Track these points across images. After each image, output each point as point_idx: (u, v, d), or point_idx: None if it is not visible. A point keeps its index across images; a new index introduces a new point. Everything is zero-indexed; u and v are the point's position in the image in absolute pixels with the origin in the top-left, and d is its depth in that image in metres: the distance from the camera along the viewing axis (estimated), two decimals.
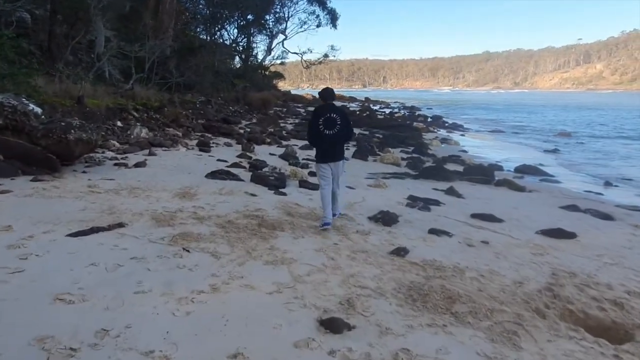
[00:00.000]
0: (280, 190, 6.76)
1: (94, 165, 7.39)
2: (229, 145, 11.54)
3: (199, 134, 12.73)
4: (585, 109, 48.49)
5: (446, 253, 4.53)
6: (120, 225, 4.42)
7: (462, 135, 20.83)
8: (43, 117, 7.75)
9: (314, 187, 7.18)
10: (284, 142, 13.23)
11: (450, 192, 7.81)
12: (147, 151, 8.91)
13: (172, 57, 17.79)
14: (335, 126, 5.12)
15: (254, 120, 18.93)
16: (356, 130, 18.27)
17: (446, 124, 26.96)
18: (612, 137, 20.89)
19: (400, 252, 4.38)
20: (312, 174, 8.47)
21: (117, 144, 9.17)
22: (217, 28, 30.98)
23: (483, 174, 9.75)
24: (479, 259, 4.44)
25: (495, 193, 8.39)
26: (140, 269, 3.44)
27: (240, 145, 11.22)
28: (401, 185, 8.44)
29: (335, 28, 33.45)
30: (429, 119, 30.52)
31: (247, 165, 8.66)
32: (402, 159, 11.59)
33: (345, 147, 5.59)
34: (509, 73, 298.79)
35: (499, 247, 4.89)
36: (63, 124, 6.34)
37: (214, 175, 7.28)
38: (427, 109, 46.29)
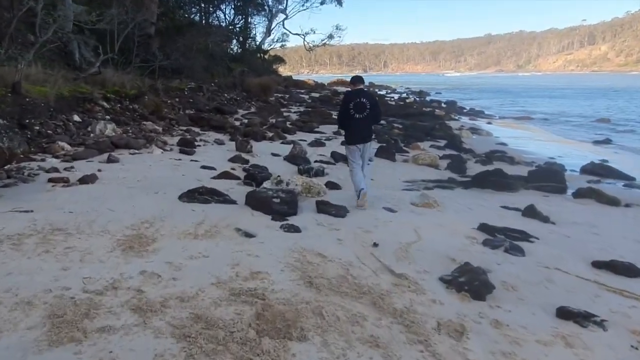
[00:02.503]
0: (290, 221, 4.44)
1: (17, 183, 5.07)
2: (220, 142, 9.18)
3: (184, 128, 10.36)
4: (610, 92, 45.60)
5: None
6: None
7: (489, 123, 18.41)
8: None
9: (339, 211, 4.88)
10: (289, 137, 10.86)
11: (531, 213, 5.49)
12: (106, 156, 6.56)
13: (156, 37, 15.31)
14: (365, 110, 5.42)
15: (253, 110, 16.52)
16: None
17: (464, 110, 24.53)
18: None
19: None
20: (330, 185, 6.16)
21: (66, 147, 6.84)
22: (211, 8, 28.33)
23: (552, 179, 7.40)
24: None
25: (585, 211, 6.05)
26: None
27: (234, 143, 8.85)
28: (455, 200, 6.10)
29: (341, 5, 30.73)
30: (443, 105, 28.05)
31: (242, 175, 6.34)
32: (439, 157, 9.21)
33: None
34: (511, 55, 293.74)
35: None
36: None
37: (191, 195, 4.95)
38: (436, 93, 43.69)
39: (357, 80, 5.73)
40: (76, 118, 8.11)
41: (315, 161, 7.92)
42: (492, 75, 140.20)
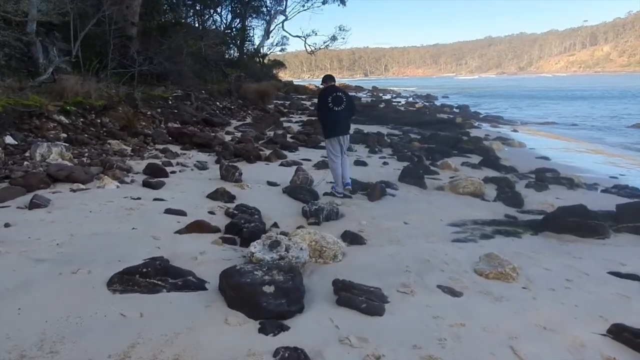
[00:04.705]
0: (292, 333, 2.50)
1: None
2: (202, 167, 7.24)
3: (161, 146, 8.44)
4: (625, 93, 43.52)
5: None
6: None
7: (515, 131, 16.45)
8: None
9: (372, 301, 2.94)
10: (290, 155, 8.93)
11: None
12: (29, 198, 4.63)
13: (138, 39, 13.45)
14: (342, 103, 5.91)
15: (249, 120, 14.62)
16: (383, 130, 13.99)
17: (481, 116, 22.59)
18: None
19: None
20: (350, 237, 4.25)
21: None
22: (209, 13, 26.50)
23: None
24: None
25: None
26: None
27: (219, 167, 6.92)
28: (535, 260, 4.12)
29: (344, 4, 28.75)
30: (455, 109, 26.14)
31: (223, 225, 4.40)
32: (482, 181, 7.23)
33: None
34: (512, 58, 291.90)
35: None
36: None
37: (129, 279, 3.00)
38: (443, 97, 41.82)
39: (329, 78, 6.29)
40: (9, 140, 6.21)
41: (325, 193, 5.99)
42: (515, 78, 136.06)
